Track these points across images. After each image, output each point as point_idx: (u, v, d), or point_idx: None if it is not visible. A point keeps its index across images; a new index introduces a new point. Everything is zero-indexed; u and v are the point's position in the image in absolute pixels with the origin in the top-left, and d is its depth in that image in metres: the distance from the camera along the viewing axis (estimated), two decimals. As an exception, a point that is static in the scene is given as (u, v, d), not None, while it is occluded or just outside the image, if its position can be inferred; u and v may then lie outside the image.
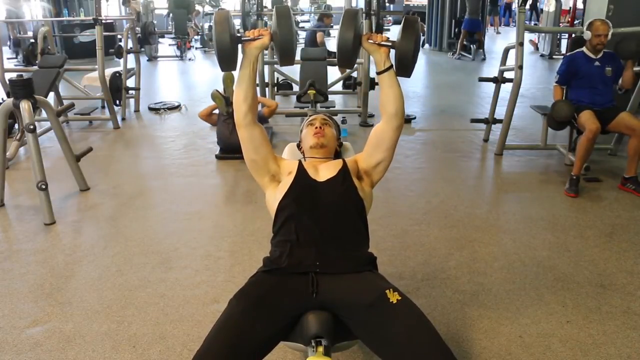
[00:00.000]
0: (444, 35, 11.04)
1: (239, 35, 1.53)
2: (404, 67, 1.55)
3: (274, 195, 1.60)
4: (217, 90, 4.14)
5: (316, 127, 1.79)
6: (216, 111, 4.31)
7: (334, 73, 6.10)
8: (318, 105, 4.01)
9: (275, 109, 4.53)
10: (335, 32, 12.85)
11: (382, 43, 1.56)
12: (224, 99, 4.10)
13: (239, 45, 1.54)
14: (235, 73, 1.59)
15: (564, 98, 3.68)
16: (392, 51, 1.58)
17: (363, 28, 1.52)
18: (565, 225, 2.94)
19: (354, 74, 6.02)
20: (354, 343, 1.48)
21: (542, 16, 10.57)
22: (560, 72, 3.65)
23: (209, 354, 1.24)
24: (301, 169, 1.61)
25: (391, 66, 1.58)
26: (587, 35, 3.49)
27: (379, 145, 1.64)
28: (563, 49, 9.79)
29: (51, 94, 4.98)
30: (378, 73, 1.59)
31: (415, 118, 5.39)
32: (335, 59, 1.63)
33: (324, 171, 1.63)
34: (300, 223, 1.50)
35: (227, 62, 1.51)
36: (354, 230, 1.55)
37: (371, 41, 1.57)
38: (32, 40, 5.79)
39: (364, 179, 1.66)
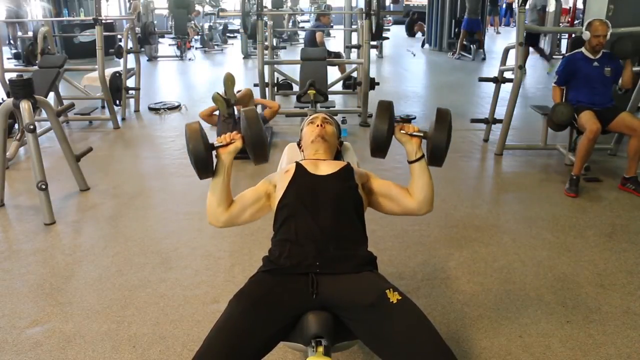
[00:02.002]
0: (444, 35, 11.05)
1: (211, 143, 1.56)
2: (437, 158, 1.58)
3: (275, 197, 1.61)
4: (218, 93, 4.15)
5: (317, 125, 1.80)
6: (216, 112, 4.31)
7: (334, 73, 6.10)
8: (318, 105, 4.01)
9: (277, 111, 4.51)
10: (334, 31, 12.81)
11: (415, 134, 1.59)
12: (225, 101, 4.10)
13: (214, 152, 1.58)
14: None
15: (563, 99, 3.68)
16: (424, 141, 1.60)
17: (395, 120, 1.56)
18: (565, 225, 2.94)
19: (354, 74, 6.02)
20: (354, 343, 1.47)
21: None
22: (559, 73, 3.66)
23: (209, 354, 1.24)
24: (300, 167, 1.62)
25: (423, 156, 1.60)
26: (586, 35, 3.49)
27: (395, 202, 1.65)
28: (563, 49, 9.79)
29: (51, 94, 4.98)
30: (410, 162, 1.61)
31: (415, 118, 5.39)
32: (335, 59, 1.64)
33: (325, 167, 1.64)
34: (300, 219, 1.50)
35: (203, 169, 1.56)
36: (353, 227, 1.55)
37: (403, 131, 1.59)
38: (32, 40, 5.77)
39: (365, 192, 1.66)
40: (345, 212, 1.54)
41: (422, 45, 11.96)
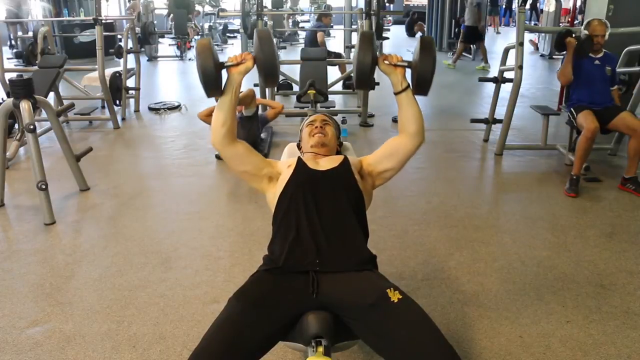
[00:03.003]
0: (444, 35, 11.05)
1: (222, 61, 1.55)
2: (422, 86, 1.56)
3: (274, 191, 1.61)
4: None
5: (316, 127, 1.79)
6: None
7: (334, 73, 6.10)
8: (318, 105, 4.00)
9: (280, 111, 4.48)
10: (334, 31, 12.79)
11: (399, 64, 1.57)
12: None
13: (224, 71, 1.56)
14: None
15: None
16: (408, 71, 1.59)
17: (378, 50, 1.55)
18: (565, 225, 2.94)
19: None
20: (354, 343, 1.47)
21: (542, 16, 10.57)
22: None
23: (206, 352, 1.24)
24: (301, 162, 1.62)
25: (408, 86, 1.59)
26: (585, 35, 3.49)
27: (392, 156, 1.65)
28: (563, 49, 9.77)
29: (51, 94, 4.98)
30: (396, 93, 1.60)
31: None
32: (335, 59, 1.64)
33: (325, 162, 1.64)
34: (300, 214, 1.50)
35: (212, 88, 1.53)
36: (353, 225, 1.54)
37: (387, 62, 1.58)
38: (32, 40, 5.78)
39: (366, 178, 1.67)
40: (345, 209, 1.54)
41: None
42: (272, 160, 1.71)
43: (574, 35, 3.52)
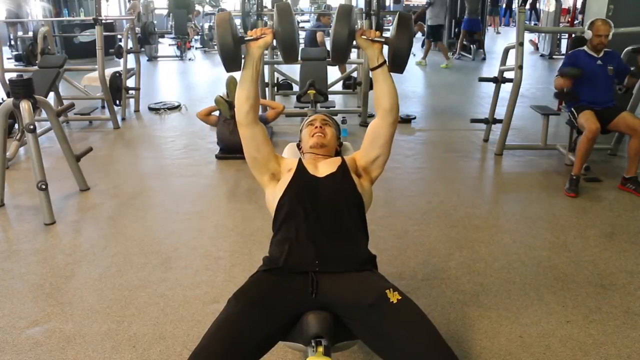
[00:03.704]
0: (444, 35, 11.03)
1: (241, 35, 1.53)
2: (398, 63, 1.56)
3: (274, 193, 1.61)
4: (220, 96, 4.15)
5: (316, 127, 1.79)
6: (216, 113, 4.31)
7: (334, 73, 6.10)
8: (318, 105, 4.01)
9: (281, 112, 4.46)
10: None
11: (376, 39, 1.57)
12: (227, 104, 4.10)
13: (242, 46, 1.55)
14: (238, 75, 1.59)
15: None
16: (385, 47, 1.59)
17: (357, 24, 1.54)
18: (565, 225, 2.94)
19: (354, 74, 6.01)
20: (354, 343, 1.47)
21: (542, 16, 10.57)
22: (564, 66, 3.63)
23: (206, 353, 1.24)
24: (301, 166, 1.62)
25: (384, 62, 1.59)
26: (588, 34, 3.49)
27: (375, 141, 1.65)
28: (563, 49, 9.79)
29: (51, 94, 4.98)
30: (371, 69, 1.60)
31: (415, 118, 5.39)
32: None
33: (323, 167, 1.64)
34: (300, 219, 1.50)
35: (231, 62, 1.52)
36: (353, 225, 1.55)
37: (364, 37, 1.57)
38: (32, 40, 5.78)
39: (362, 175, 1.67)
40: (345, 211, 1.54)
41: (422, 45, 11.94)
42: (279, 157, 1.71)
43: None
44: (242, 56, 1.57)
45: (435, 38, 9.21)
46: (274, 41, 1.59)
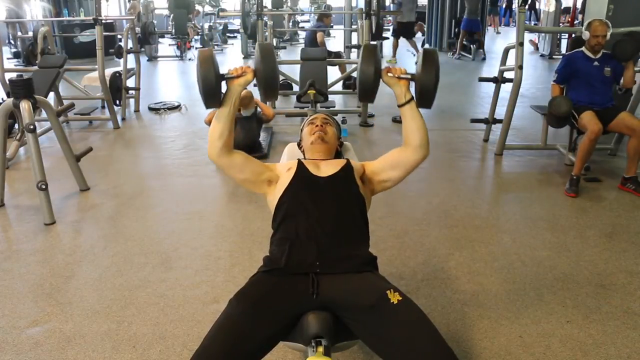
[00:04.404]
0: (444, 35, 11.04)
1: (222, 73, 1.54)
2: (425, 99, 1.56)
3: (274, 193, 1.61)
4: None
5: (317, 125, 1.80)
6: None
7: (334, 73, 6.10)
8: (318, 105, 4.00)
9: (270, 119, 4.44)
10: (334, 31, 12.79)
11: (402, 76, 1.58)
12: None
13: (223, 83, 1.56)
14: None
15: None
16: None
17: (381, 62, 1.55)
18: (565, 225, 2.94)
19: (354, 74, 6.01)
20: (354, 343, 1.47)
21: (542, 16, 10.57)
22: (559, 71, 3.64)
23: (207, 354, 1.24)
24: (301, 165, 1.62)
25: (412, 98, 1.59)
26: (586, 35, 3.49)
27: (394, 167, 1.64)
28: (563, 49, 9.79)
29: (51, 94, 4.98)
30: (399, 106, 1.59)
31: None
32: (335, 59, 1.64)
33: (326, 168, 1.63)
34: (300, 219, 1.50)
35: (212, 99, 1.53)
36: (354, 227, 1.55)
37: (391, 74, 1.58)
38: (32, 40, 5.78)
39: (367, 184, 1.67)
40: (346, 212, 1.54)
41: (422, 45, 11.93)
42: (270, 164, 1.70)
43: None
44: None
45: (405, 35, 9.37)
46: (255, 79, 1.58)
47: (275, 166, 1.70)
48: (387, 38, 10.03)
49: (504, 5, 16.42)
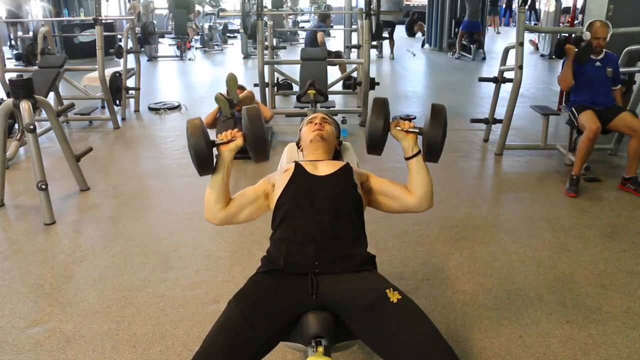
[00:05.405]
0: (443, 35, 11.04)
1: (213, 140, 1.56)
2: (433, 152, 1.57)
3: (273, 196, 1.61)
4: (220, 93, 4.15)
5: (316, 124, 1.80)
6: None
7: (334, 73, 6.10)
8: (318, 105, 4.01)
9: (268, 120, 4.47)
10: (334, 31, 12.79)
11: (410, 130, 1.59)
12: (228, 102, 4.10)
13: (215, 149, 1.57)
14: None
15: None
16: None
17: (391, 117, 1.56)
18: (565, 225, 2.94)
19: (354, 74, 6.01)
20: (354, 343, 1.47)
21: (542, 16, 10.57)
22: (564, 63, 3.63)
23: (208, 355, 1.24)
24: (298, 167, 1.62)
25: (419, 152, 1.60)
26: (587, 35, 3.49)
27: (394, 200, 1.65)
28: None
29: (51, 94, 4.98)
30: (407, 159, 1.61)
31: (415, 118, 5.39)
32: (335, 59, 1.65)
33: (324, 167, 1.64)
34: (299, 218, 1.50)
35: (204, 165, 1.55)
36: (352, 226, 1.54)
37: (399, 128, 1.59)
38: (32, 40, 5.78)
39: (364, 191, 1.66)
40: (344, 211, 1.54)
41: (422, 45, 11.95)
42: (260, 181, 1.68)
43: (574, 36, 3.52)
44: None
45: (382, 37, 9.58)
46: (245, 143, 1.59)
47: (268, 178, 1.68)
48: (387, 38, 10.04)
49: (504, 5, 16.42)
